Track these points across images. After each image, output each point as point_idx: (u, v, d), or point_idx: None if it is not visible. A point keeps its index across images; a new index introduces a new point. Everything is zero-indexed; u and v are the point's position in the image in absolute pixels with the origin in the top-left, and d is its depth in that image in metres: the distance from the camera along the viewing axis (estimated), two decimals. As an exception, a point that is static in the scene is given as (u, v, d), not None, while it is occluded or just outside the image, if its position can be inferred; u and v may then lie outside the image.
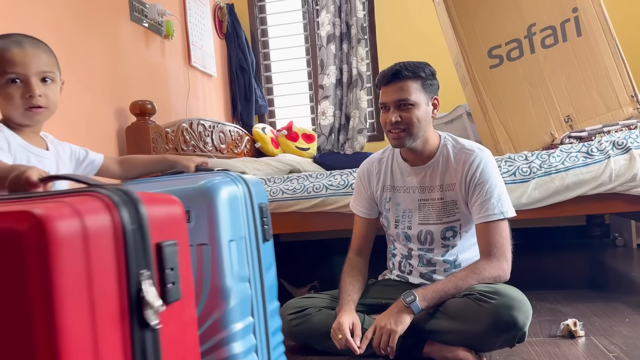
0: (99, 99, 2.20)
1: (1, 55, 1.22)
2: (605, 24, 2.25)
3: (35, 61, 1.24)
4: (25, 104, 1.23)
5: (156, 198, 0.70)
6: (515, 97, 2.31)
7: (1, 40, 1.24)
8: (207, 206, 1.10)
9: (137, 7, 2.55)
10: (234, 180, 1.18)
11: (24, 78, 1.22)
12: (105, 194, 0.61)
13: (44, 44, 1.29)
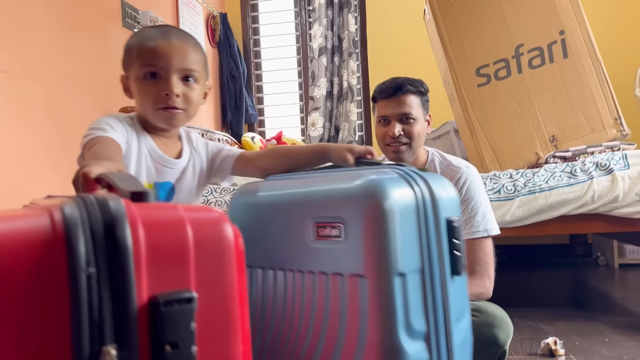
0: (89, 104, 2.19)
1: (143, 45, 1.07)
2: (591, 47, 2.30)
3: (179, 55, 1.07)
4: (160, 102, 1.07)
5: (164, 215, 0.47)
6: (502, 115, 2.34)
7: (148, 30, 1.12)
8: (364, 218, 0.79)
9: (130, 14, 2.56)
10: (409, 178, 0.84)
11: (164, 73, 1.05)
12: (65, 212, 0.41)
13: (195, 40, 1.14)
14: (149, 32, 1.10)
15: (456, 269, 0.85)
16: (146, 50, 1.06)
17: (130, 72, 1.10)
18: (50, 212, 0.41)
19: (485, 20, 2.36)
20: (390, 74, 1.73)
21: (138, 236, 0.42)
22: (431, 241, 0.83)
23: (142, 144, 1.10)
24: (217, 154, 1.24)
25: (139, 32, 1.13)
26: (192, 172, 1.18)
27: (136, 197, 0.48)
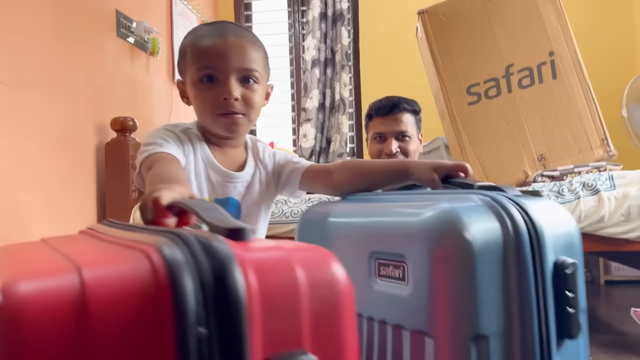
0: (80, 113, 2.19)
1: (198, 45, 0.99)
2: (579, 69, 2.34)
3: (236, 54, 0.96)
4: (219, 108, 0.97)
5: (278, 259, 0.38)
6: (492, 134, 2.37)
7: (202, 27, 1.03)
8: (430, 260, 0.63)
9: (124, 24, 2.56)
10: (499, 207, 0.64)
11: (222, 75, 0.96)
12: (165, 253, 0.33)
13: (253, 35, 1.04)
14: (202, 29, 1.02)
15: (567, 330, 0.63)
16: (201, 50, 0.98)
17: (186, 76, 1.02)
18: (147, 253, 0.32)
19: (477, 39, 2.39)
20: (383, 87, 1.77)
21: (250, 285, 0.34)
22: (528, 293, 0.61)
23: (199, 156, 1.00)
24: (283, 165, 1.12)
25: (192, 31, 1.05)
26: (259, 187, 1.07)
27: (234, 235, 0.39)
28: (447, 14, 2.41)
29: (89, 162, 2.24)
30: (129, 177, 2.27)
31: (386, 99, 1.75)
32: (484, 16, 2.38)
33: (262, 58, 1.02)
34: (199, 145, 1.01)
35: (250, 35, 1.02)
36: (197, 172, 1.00)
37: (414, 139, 1.71)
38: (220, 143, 1.05)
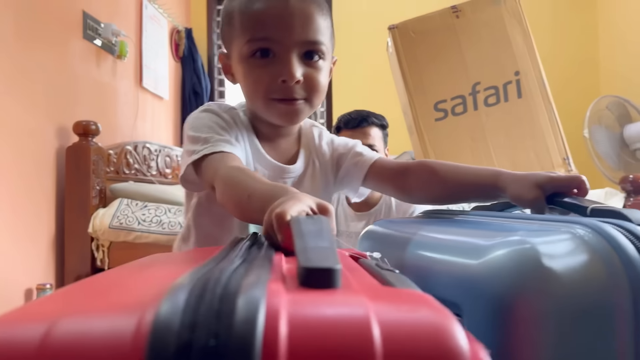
0: (41, 116, 2.13)
1: (250, 9, 0.76)
2: (544, 89, 2.39)
3: (299, 23, 0.75)
4: (275, 92, 0.76)
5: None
6: (457, 150, 2.40)
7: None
8: (488, 316, 0.43)
9: (91, 25, 2.51)
10: (613, 247, 0.43)
11: (280, 50, 0.75)
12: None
13: (317, 0, 0.79)
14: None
15: None
16: (254, 17, 0.75)
17: (232, 48, 0.80)
18: (144, 310, 0.24)
19: (445, 57, 2.43)
20: (354, 99, 1.78)
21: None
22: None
23: (247, 145, 0.82)
24: (343, 155, 0.92)
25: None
26: (311, 182, 0.88)
27: (311, 280, 0.28)
28: (417, 31, 2.44)
29: (48, 166, 2.17)
30: (90, 182, 2.21)
31: (355, 112, 1.76)
32: (453, 34, 2.42)
33: (330, 26, 0.81)
34: (246, 134, 0.82)
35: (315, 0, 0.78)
36: (246, 164, 0.80)
37: (381, 153, 1.73)
38: (270, 132, 0.85)
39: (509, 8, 2.39)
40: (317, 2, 0.77)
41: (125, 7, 2.92)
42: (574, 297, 0.41)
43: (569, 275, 0.41)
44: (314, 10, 0.76)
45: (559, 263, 0.42)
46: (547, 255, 0.42)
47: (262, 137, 0.84)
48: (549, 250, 0.42)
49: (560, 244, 0.44)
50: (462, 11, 2.40)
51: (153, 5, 3.23)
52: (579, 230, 0.45)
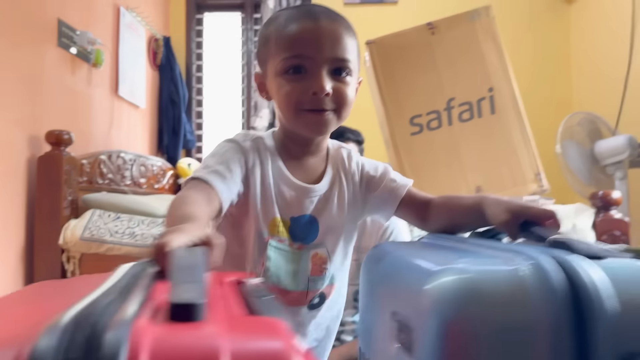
0: (12, 124, 2.10)
1: (284, 31, 0.84)
2: (517, 105, 2.43)
3: (330, 42, 0.83)
4: (306, 103, 0.82)
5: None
6: (432, 164, 2.42)
7: (288, 11, 0.88)
8: (428, 335, 0.49)
9: (66, 33, 2.48)
10: (548, 278, 0.48)
11: (312, 66, 0.82)
12: None
13: (347, 21, 0.89)
14: (289, 13, 0.87)
15: None
16: (288, 37, 0.83)
17: (268, 67, 0.87)
18: (21, 346, 0.28)
19: (421, 72, 2.46)
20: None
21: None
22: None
23: (268, 170, 0.87)
24: (376, 180, 0.94)
25: (276, 16, 0.89)
26: (337, 201, 0.90)
27: (177, 314, 0.31)
28: (393, 46, 2.47)
29: (19, 175, 2.13)
30: (62, 193, 2.18)
31: None
32: (429, 50, 2.45)
33: (356, 47, 0.89)
34: (270, 158, 0.87)
35: (344, 21, 0.88)
36: (265, 188, 0.85)
37: None
38: (298, 150, 0.90)
39: (483, 25, 2.44)
40: (345, 24, 0.87)
41: (102, 14, 2.90)
42: (501, 321, 0.47)
43: (498, 301, 0.48)
44: (343, 31, 0.85)
45: (491, 291, 0.48)
46: (482, 283, 0.49)
47: (290, 156, 0.90)
48: (484, 278, 0.49)
49: (497, 274, 0.50)
50: (437, 28, 2.44)
51: (131, 14, 3.21)
52: (521, 261, 0.51)
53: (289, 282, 0.86)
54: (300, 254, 0.87)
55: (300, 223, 0.87)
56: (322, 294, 0.90)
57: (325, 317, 0.93)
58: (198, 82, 4.05)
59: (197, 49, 4.05)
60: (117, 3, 3.07)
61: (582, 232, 2.09)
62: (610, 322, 0.47)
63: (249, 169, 0.85)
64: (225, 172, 0.80)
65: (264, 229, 0.85)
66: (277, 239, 0.86)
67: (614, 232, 2.10)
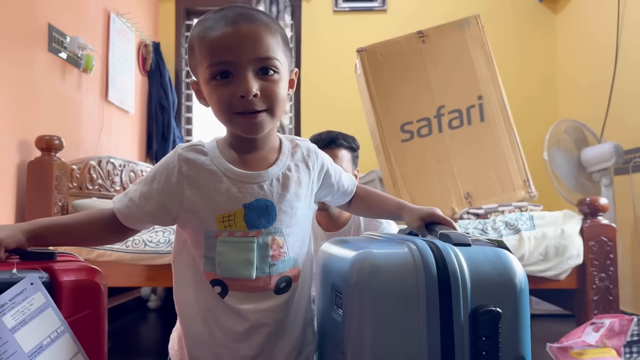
0: (2, 129, 2.08)
1: (206, 38, 0.85)
2: (505, 113, 2.47)
3: (250, 43, 0.84)
4: (237, 106, 0.84)
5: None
6: (422, 170, 2.45)
7: (210, 16, 0.88)
8: (347, 295, 0.77)
9: (57, 38, 2.47)
10: (422, 256, 0.75)
11: (236, 70, 0.84)
12: None
13: (268, 17, 0.89)
14: (209, 19, 0.87)
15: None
16: (210, 44, 0.84)
17: (199, 75, 0.89)
18: None
19: (411, 80, 2.49)
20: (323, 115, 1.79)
21: None
22: (434, 333, 0.72)
23: (214, 170, 0.89)
24: (330, 184, 1.05)
25: (199, 21, 0.89)
26: (294, 188, 0.93)
27: None
28: (384, 54, 2.49)
29: (8, 181, 2.12)
30: (52, 198, 2.16)
31: (326, 133, 1.77)
32: (419, 58, 2.49)
33: (280, 42, 0.88)
34: (210, 160, 0.89)
35: (264, 18, 0.87)
36: (202, 190, 0.88)
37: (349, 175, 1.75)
38: (244, 148, 0.92)
39: (472, 34, 2.48)
40: (264, 22, 0.87)
41: (93, 20, 2.89)
42: (391, 284, 0.73)
43: (388, 271, 0.73)
44: (262, 30, 0.86)
45: (383, 264, 0.74)
46: (380, 259, 0.74)
47: (237, 152, 0.92)
48: (382, 257, 0.75)
49: (391, 254, 0.75)
50: (427, 36, 2.47)
51: (121, 19, 3.21)
52: (411, 245, 0.78)
53: (244, 271, 0.87)
54: (257, 240, 0.88)
55: (254, 208, 0.88)
56: (288, 277, 0.91)
57: (299, 298, 0.93)
58: (187, 88, 4.05)
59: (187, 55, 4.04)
60: (108, 8, 3.07)
61: (570, 238, 2.12)
62: (463, 287, 0.73)
63: (180, 182, 0.88)
64: (137, 201, 0.89)
65: (211, 228, 0.87)
66: (228, 232, 0.87)
67: (601, 237, 2.13)
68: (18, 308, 0.73)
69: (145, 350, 2.63)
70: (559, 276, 2.12)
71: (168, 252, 2.08)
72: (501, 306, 0.72)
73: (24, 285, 0.75)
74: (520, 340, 0.75)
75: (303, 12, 3.96)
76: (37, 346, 0.74)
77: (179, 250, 0.94)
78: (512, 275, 0.75)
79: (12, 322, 0.72)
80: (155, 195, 0.88)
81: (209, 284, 0.88)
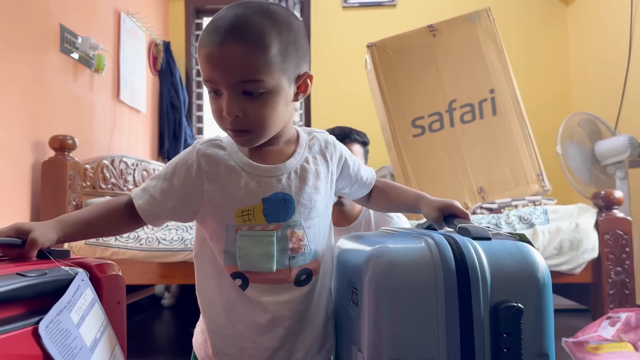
0: (16, 130, 2.10)
1: (199, 50, 0.84)
2: (518, 106, 2.45)
3: (231, 64, 0.80)
4: (224, 123, 0.85)
5: None
6: (434, 165, 2.44)
7: (213, 19, 0.84)
8: (363, 290, 0.75)
9: (69, 39, 2.49)
10: (440, 250, 0.73)
11: (222, 88, 0.82)
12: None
13: (257, 29, 0.80)
14: (209, 25, 0.83)
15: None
16: (200, 58, 0.83)
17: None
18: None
19: (422, 74, 2.47)
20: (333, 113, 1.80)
21: None
22: (454, 330, 0.70)
23: (222, 167, 0.88)
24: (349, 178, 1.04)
25: (208, 23, 0.86)
26: (313, 181, 0.92)
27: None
28: (395, 49, 2.48)
29: (24, 181, 2.14)
30: (67, 198, 2.18)
31: (338, 128, 1.80)
32: (430, 53, 2.47)
33: (273, 56, 0.81)
34: (228, 155, 0.88)
35: (256, 31, 0.80)
36: (221, 185, 0.87)
37: None
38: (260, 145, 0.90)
39: (484, 27, 2.46)
40: (252, 40, 0.80)
41: (103, 20, 2.91)
42: (407, 279, 0.70)
43: (404, 266, 0.71)
44: (246, 50, 0.79)
45: (399, 259, 0.71)
46: (397, 254, 0.72)
47: (253, 148, 0.90)
48: (399, 251, 0.73)
49: (408, 249, 0.73)
50: (438, 30, 2.45)
51: (131, 19, 3.22)
52: (428, 239, 0.75)
53: (264, 264, 0.87)
54: (277, 233, 0.88)
55: (273, 202, 0.88)
56: (308, 270, 0.90)
57: (320, 290, 0.93)
58: (198, 87, 4.07)
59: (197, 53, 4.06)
60: (118, 8, 3.08)
61: (585, 231, 2.10)
62: (483, 281, 0.70)
63: (200, 177, 0.87)
64: (157, 195, 0.89)
65: (230, 222, 0.87)
66: (247, 226, 0.87)
67: (616, 230, 2.11)
68: (78, 304, 0.74)
69: (159, 348, 2.65)
70: (574, 270, 2.11)
71: (181, 250, 2.09)
72: (523, 302, 0.70)
73: (78, 282, 0.75)
74: (544, 336, 0.72)
75: (312, 8, 3.95)
76: (94, 340, 0.75)
77: (199, 245, 0.95)
78: (535, 269, 0.72)
79: (76, 317, 0.73)
80: (176, 190, 0.88)
81: (229, 277, 0.89)
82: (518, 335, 0.69)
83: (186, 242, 2.10)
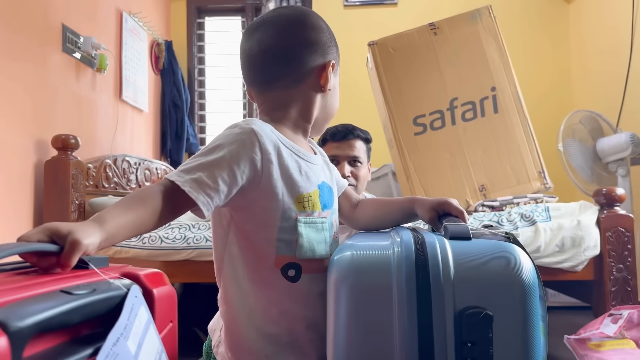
0: (18, 129, 2.11)
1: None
2: (519, 104, 2.45)
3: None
4: None
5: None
6: (436, 164, 2.44)
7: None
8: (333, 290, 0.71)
9: (71, 39, 2.50)
10: (395, 250, 0.70)
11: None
12: None
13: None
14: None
15: None
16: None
17: None
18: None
19: (423, 72, 2.47)
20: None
21: None
22: (410, 336, 0.64)
23: (283, 150, 0.86)
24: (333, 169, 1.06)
25: None
26: (329, 173, 0.98)
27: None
28: (396, 47, 2.48)
29: (26, 180, 2.15)
30: (69, 197, 2.19)
31: (341, 125, 1.81)
32: (431, 51, 2.47)
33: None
34: (280, 139, 0.87)
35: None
36: (283, 169, 0.84)
37: (365, 166, 1.78)
38: (293, 134, 0.94)
39: (485, 25, 2.45)
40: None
41: (105, 20, 2.92)
42: (368, 281, 0.67)
43: (364, 270, 0.68)
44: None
45: (359, 261, 0.69)
46: (361, 255, 0.69)
47: (290, 138, 0.92)
48: (363, 252, 0.70)
49: (372, 249, 0.71)
50: (439, 28, 2.45)
51: (133, 19, 3.23)
52: (395, 238, 0.73)
53: (323, 251, 0.88)
54: (327, 219, 0.90)
55: (324, 189, 0.91)
56: None
57: None
58: (200, 86, 4.07)
59: (199, 53, 4.07)
60: (120, 8, 3.09)
61: (587, 229, 2.10)
62: (447, 285, 0.65)
63: (261, 157, 0.82)
64: (207, 181, 0.77)
65: (291, 208, 0.84)
66: (305, 213, 0.86)
67: (618, 228, 2.11)
68: (134, 329, 0.57)
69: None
70: (576, 267, 2.11)
71: (184, 249, 2.10)
72: (499, 308, 0.63)
73: (132, 300, 0.60)
74: (524, 347, 0.64)
75: (313, 7, 3.95)
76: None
77: (222, 248, 0.88)
78: (516, 272, 0.65)
79: (133, 347, 0.56)
80: (239, 180, 0.80)
81: (277, 272, 0.84)
82: (486, 345, 0.62)
83: (189, 240, 2.11)
